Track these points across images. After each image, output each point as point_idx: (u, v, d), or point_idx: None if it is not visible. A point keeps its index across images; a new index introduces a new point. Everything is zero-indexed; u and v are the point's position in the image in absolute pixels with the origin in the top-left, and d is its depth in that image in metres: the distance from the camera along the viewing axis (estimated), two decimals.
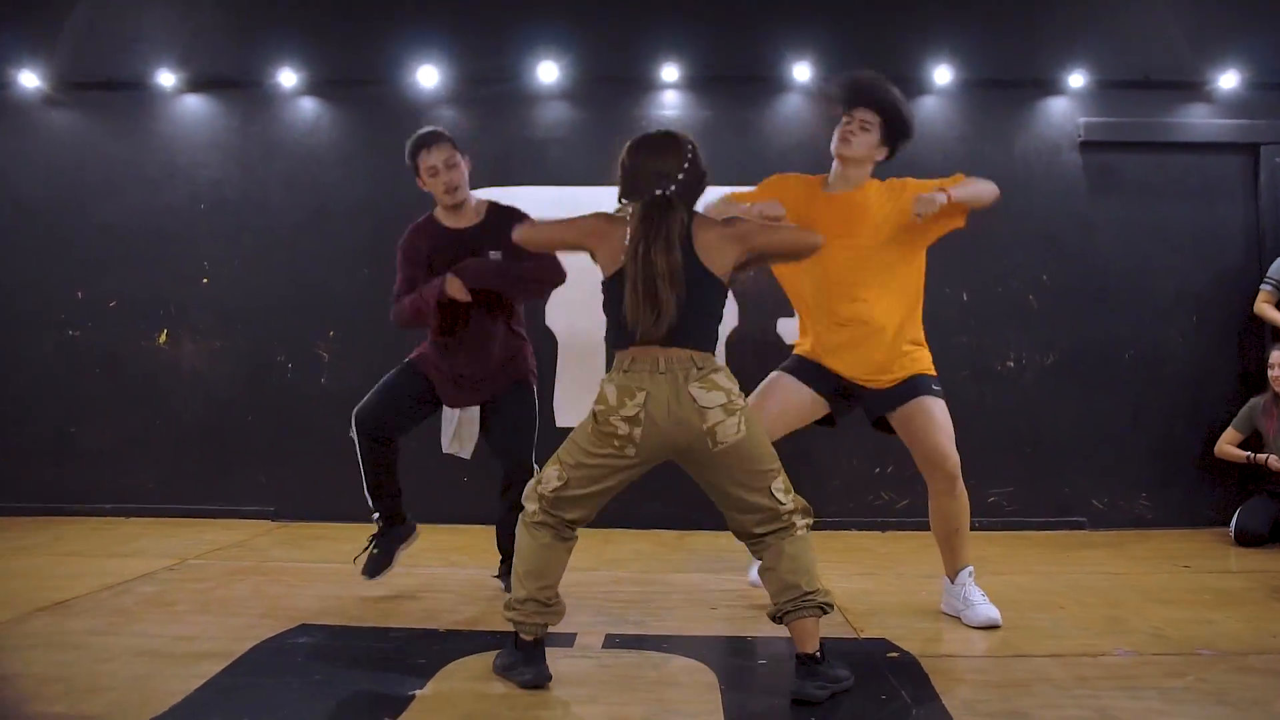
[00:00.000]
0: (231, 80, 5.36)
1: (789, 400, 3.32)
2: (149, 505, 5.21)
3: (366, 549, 3.55)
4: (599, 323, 2.71)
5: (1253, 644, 2.93)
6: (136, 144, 5.39)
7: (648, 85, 5.29)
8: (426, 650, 2.80)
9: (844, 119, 3.27)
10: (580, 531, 2.60)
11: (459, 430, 3.62)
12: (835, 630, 3.11)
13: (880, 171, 3.41)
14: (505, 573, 3.59)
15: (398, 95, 5.29)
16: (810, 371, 3.34)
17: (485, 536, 3.79)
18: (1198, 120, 5.27)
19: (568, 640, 2.93)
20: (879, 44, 5.22)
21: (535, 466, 3.52)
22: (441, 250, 3.49)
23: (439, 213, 3.61)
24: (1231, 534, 4.67)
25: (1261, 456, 4.69)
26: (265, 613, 3.19)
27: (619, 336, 2.52)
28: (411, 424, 3.59)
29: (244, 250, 5.32)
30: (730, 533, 2.62)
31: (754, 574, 3.37)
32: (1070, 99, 5.27)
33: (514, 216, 3.51)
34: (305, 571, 3.89)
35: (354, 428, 3.50)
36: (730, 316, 5.05)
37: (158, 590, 3.51)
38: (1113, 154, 5.26)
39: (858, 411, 3.44)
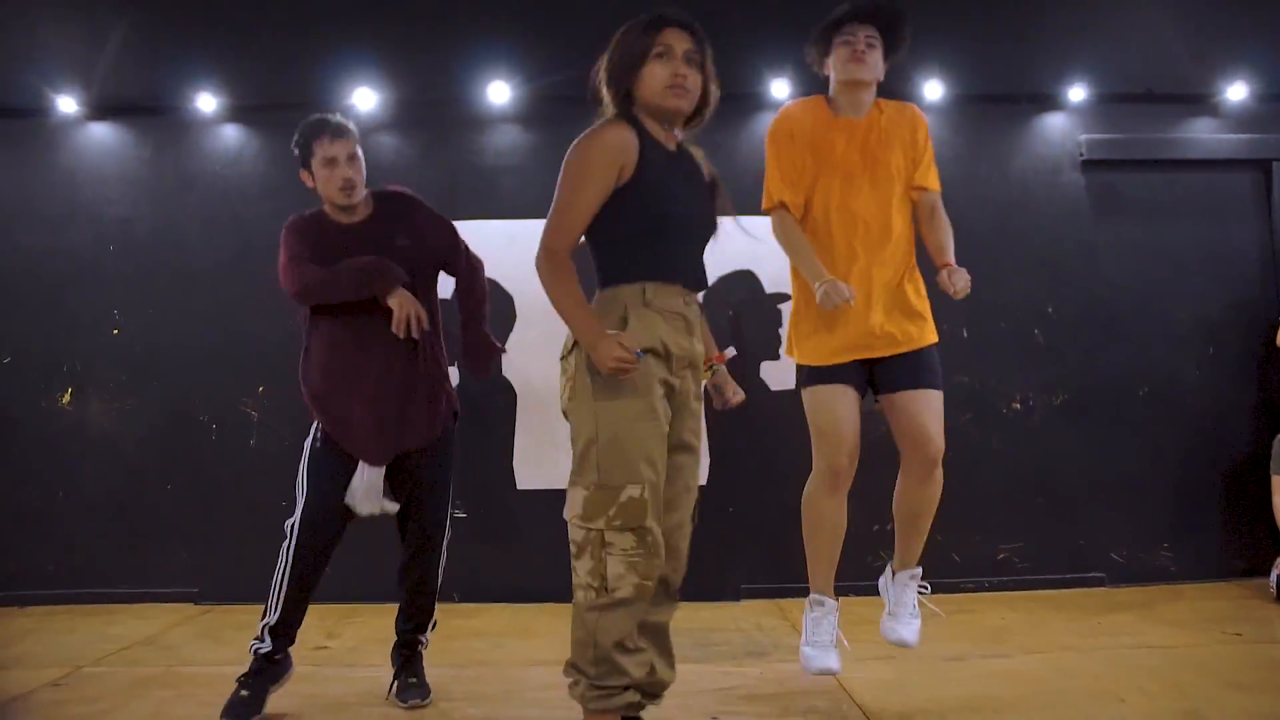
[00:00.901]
0: (143, 105, 4.75)
1: (850, 410, 2.95)
2: (49, 591, 4.54)
3: (235, 690, 2.87)
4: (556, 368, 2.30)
5: None
6: (33, 177, 4.76)
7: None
8: None
9: (845, 38, 2.93)
10: (533, 607, 2.21)
11: (367, 483, 2.98)
12: None
13: None
14: (405, 686, 3.03)
15: None
16: (838, 372, 2.94)
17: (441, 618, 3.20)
18: (1206, 135, 4.88)
19: None
20: None
21: (448, 531, 3.13)
22: (333, 249, 2.97)
23: (328, 209, 3.09)
24: (1273, 587, 4.22)
25: None
26: None
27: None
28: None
29: (158, 296, 4.69)
30: (708, 604, 2.30)
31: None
32: (1070, 114, 4.86)
33: (404, 201, 3.14)
34: (221, 680, 3.21)
35: (295, 538, 2.92)
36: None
37: None
38: (1117, 172, 4.85)
39: None
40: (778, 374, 4.60)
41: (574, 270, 2.20)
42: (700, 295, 2.41)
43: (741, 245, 2.76)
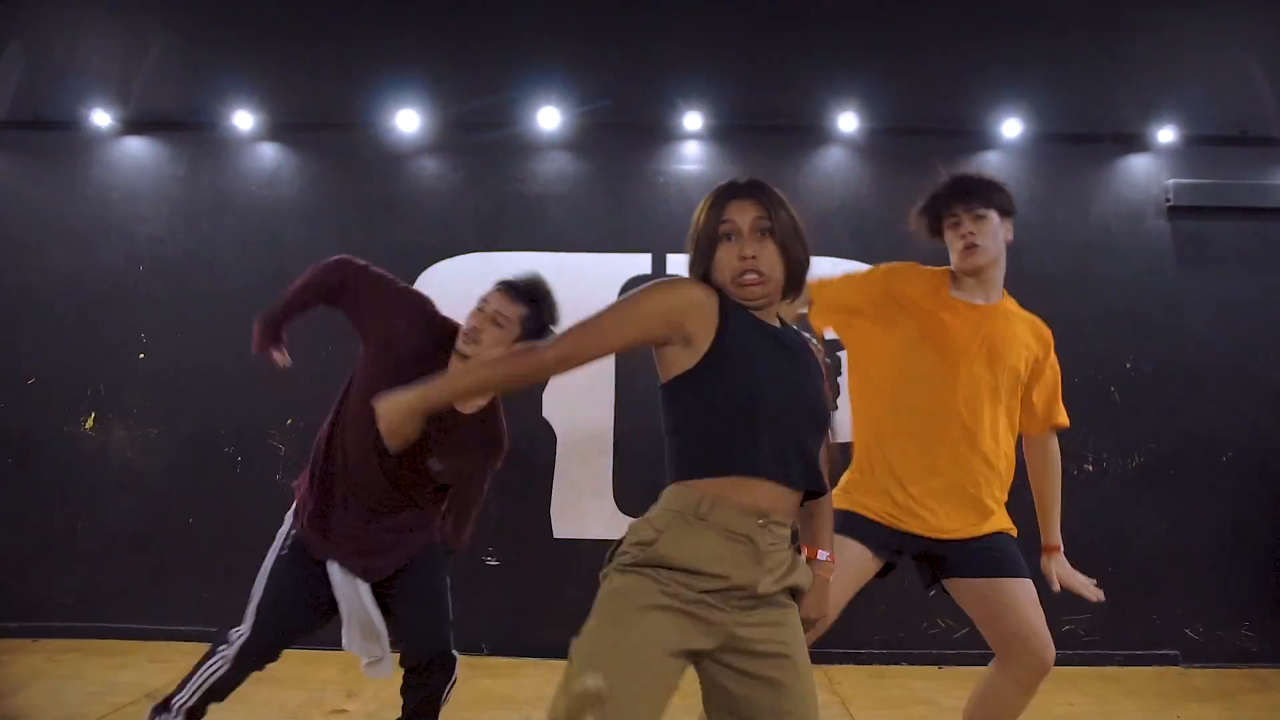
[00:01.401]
0: (179, 121, 4.58)
1: (847, 577, 2.56)
2: (66, 624, 4.38)
3: None
4: (605, 412, 1.96)
5: None
6: (65, 193, 4.60)
7: (666, 135, 4.53)
8: None
9: (949, 220, 2.65)
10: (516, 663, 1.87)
11: (363, 624, 2.77)
12: None
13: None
14: None
15: (372, 141, 4.53)
16: (863, 526, 2.63)
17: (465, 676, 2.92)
18: None
19: None
20: (936, 90, 4.51)
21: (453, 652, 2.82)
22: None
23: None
24: None
25: None
26: None
27: None
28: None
29: (187, 320, 4.51)
30: None
31: None
32: (1156, 157, 4.55)
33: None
34: None
35: (239, 654, 2.77)
36: None
37: None
38: (1205, 220, 4.53)
39: None
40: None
41: (538, 376, 1.87)
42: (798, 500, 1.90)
43: None
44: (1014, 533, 2.72)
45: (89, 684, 3.69)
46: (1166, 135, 4.49)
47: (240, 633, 2.76)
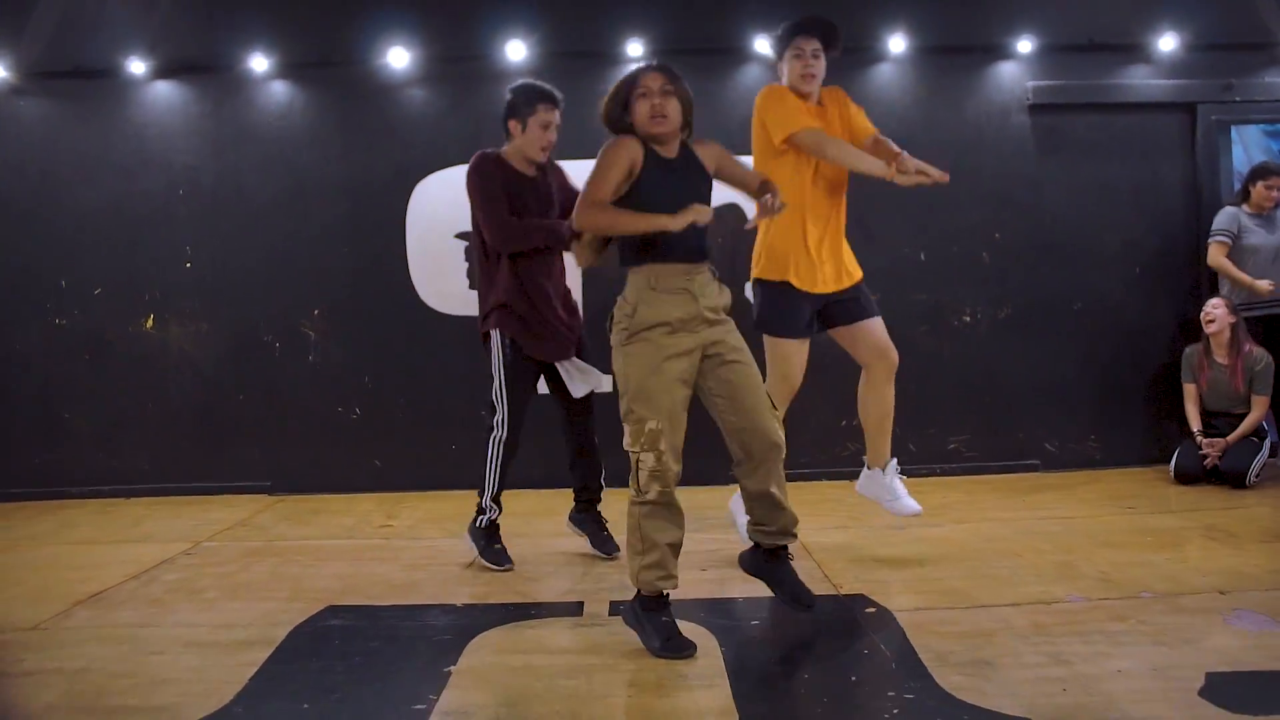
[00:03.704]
0: (203, 65, 5.42)
1: (803, 360, 3.83)
2: (146, 485, 5.40)
3: (489, 545, 3.81)
4: (574, 291, 3.86)
5: (1186, 584, 3.29)
6: (108, 132, 5.45)
7: (613, 60, 5.42)
8: (448, 627, 3.06)
9: (794, 51, 3.77)
10: (552, 492, 3.01)
11: (580, 373, 3.86)
12: (816, 586, 3.42)
13: None
14: (604, 540, 3.99)
15: (369, 76, 5.40)
16: (796, 313, 3.74)
17: (468, 503, 3.97)
18: (1139, 81, 5.54)
19: (576, 609, 3.21)
20: (834, 13, 5.33)
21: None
22: (519, 193, 3.74)
23: (509, 154, 3.83)
24: (1171, 473, 5.05)
25: (1206, 442, 4.99)
26: (291, 595, 3.43)
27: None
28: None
29: (223, 233, 5.43)
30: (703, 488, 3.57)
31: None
32: (1019, 63, 5.51)
33: (556, 172, 3.98)
34: (315, 550, 4.11)
35: (505, 442, 3.76)
36: None
37: (182, 578, 3.73)
38: (1059, 115, 5.52)
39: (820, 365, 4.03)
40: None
41: (610, 205, 2.89)
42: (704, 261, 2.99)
43: None
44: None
45: (188, 521, 4.73)
46: (1026, 45, 5.43)
47: (500, 415, 3.77)
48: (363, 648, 2.87)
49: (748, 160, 3.76)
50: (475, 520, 3.81)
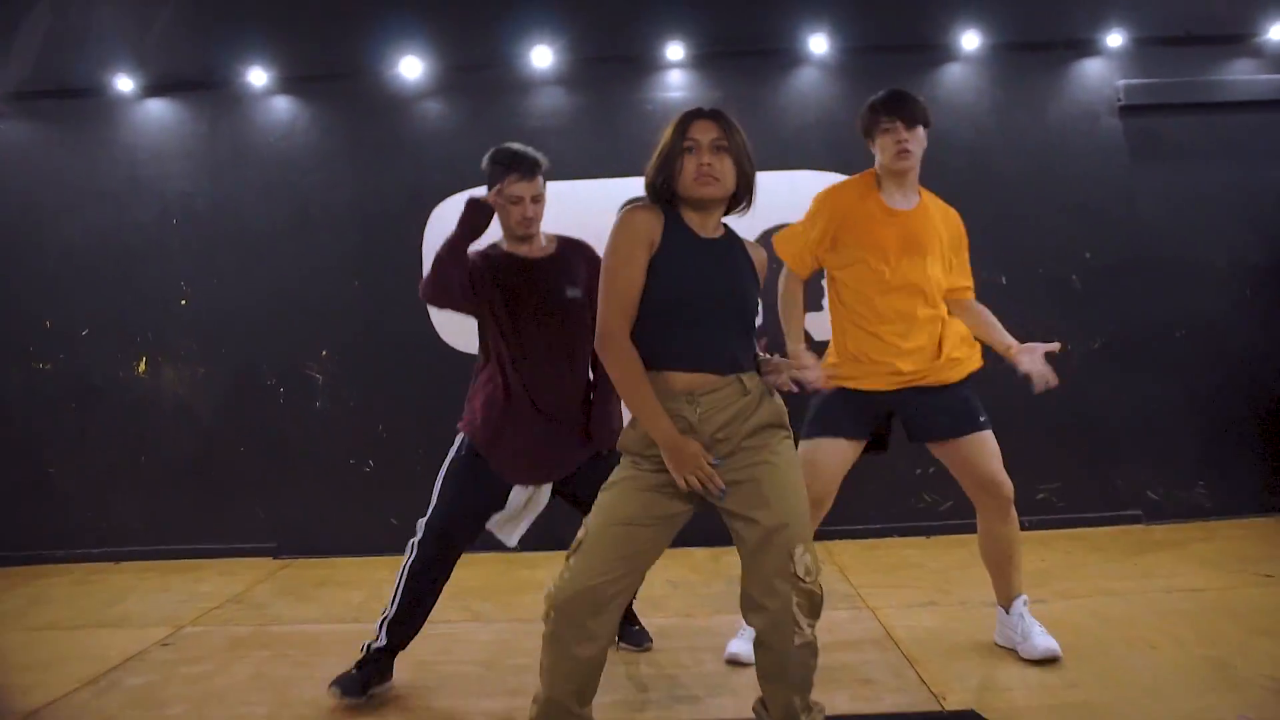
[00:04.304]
0: (197, 81, 4.92)
1: (832, 471, 3.12)
2: (137, 548, 4.87)
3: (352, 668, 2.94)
4: None
5: None
6: (95, 156, 4.96)
7: (651, 65, 4.86)
8: None
9: (886, 128, 3.10)
10: (545, 555, 2.40)
11: (525, 507, 3.10)
12: (912, 694, 2.80)
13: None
14: (630, 634, 3.35)
15: (379, 89, 4.87)
16: (844, 414, 3.12)
17: (503, 569, 3.36)
18: (1245, 76, 4.88)
19: None
20: (899, 9, 4.81)
21: None
22: (511, 278, 3.03)
23: (505, 243, 3.12)
24: None
25: None
26: (271, 713, 2.84)
27: None
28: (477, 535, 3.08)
29: (221, 266, 4.91)
30: None
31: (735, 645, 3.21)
32: (1107, 60, 4.87)
33: (583, 250, 3.17)
34: (312, 640, 3.52)
35: (422, 536, 3.00)
36: None
37: (147, 683, 3.12)
38: (1155, 117, 4.87)
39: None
40: (816, 324, 4.73)
41: (634, 353, 2.18)
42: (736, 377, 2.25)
43: (777, 200, 3.18)
44: (979, 360, 3.24)
45: (176, 595, 4.17)
46: (1116, 39, 4.81)
47: (426, 517, 3.02)
48: None
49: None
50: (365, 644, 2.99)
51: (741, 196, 2.31)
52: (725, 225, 2.36)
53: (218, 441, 4.91)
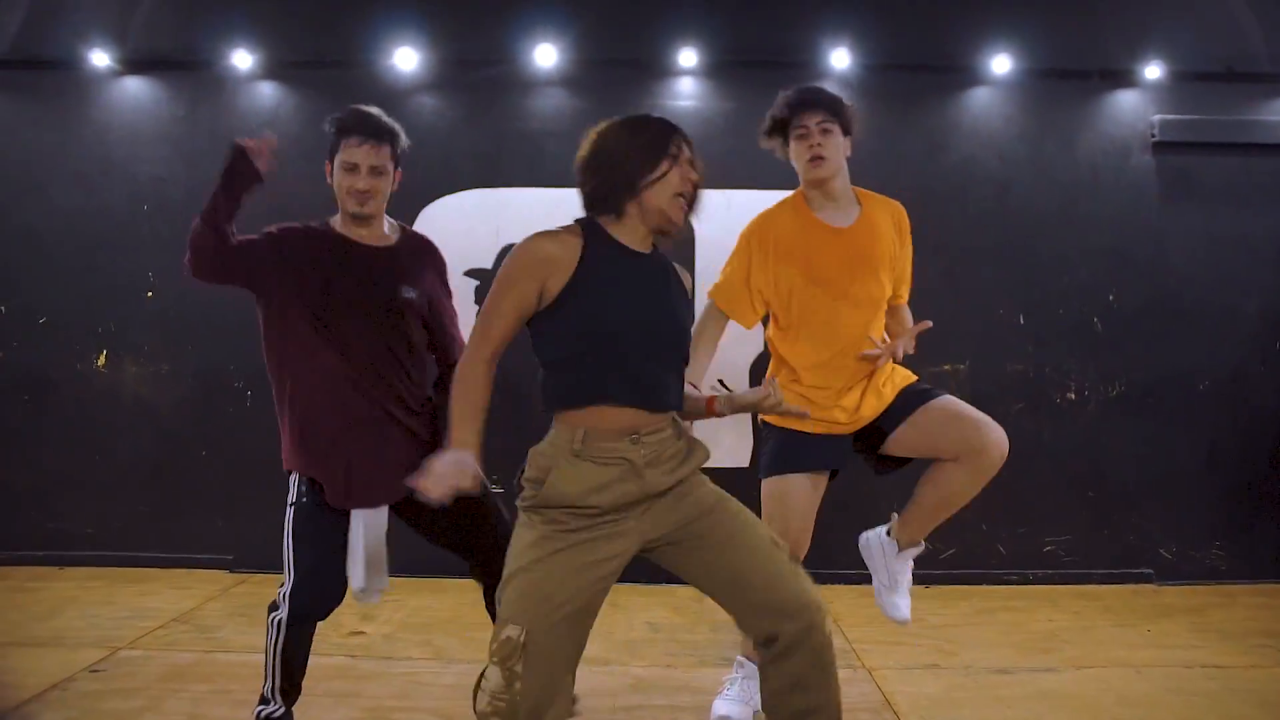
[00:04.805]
0: (178, 60, 4.59)
1: (805, 508, 2.83)
2: (86, 553, 4.55)
3: None
4: None
5: None
6: (65, 134, 4.64)
7: (661, 71, 4.58)
8: None
9: (797, 132, 2.77)
10: None
11: (369, 552, 2.61)
12: None
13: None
14: None
15: (371, 80, 4.55)
16: (803, 448, 2.82)
17: (472, 599, 3.03)
18: None
19: None
20: (927, 27, 4.55)
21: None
22: (344, 263, 2.66)
23: (339, 221, 2.77)
24: None
25: None
26: None
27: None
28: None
29: None
30: None
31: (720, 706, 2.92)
32: (1143, 93, 4.61)
33: (430, 250, 2.85)
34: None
35: (288, 619, 2.57)
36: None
37: (66, 718, 2.83)
38: (1190, 155, 4.60)
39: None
40: None
41: (484, 379, 2.00)
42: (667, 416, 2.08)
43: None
44: (912, 379, 2.90)
45: (119, 609, 3.87)
46: (1153, 71, 4.55)
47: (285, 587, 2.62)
48: None
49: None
50: (256, 712, 2.66)
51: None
52: (653, 243, 2.14)
53: (178, 444, 4.60)
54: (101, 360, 4.63)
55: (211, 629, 3.69)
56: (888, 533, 2.98)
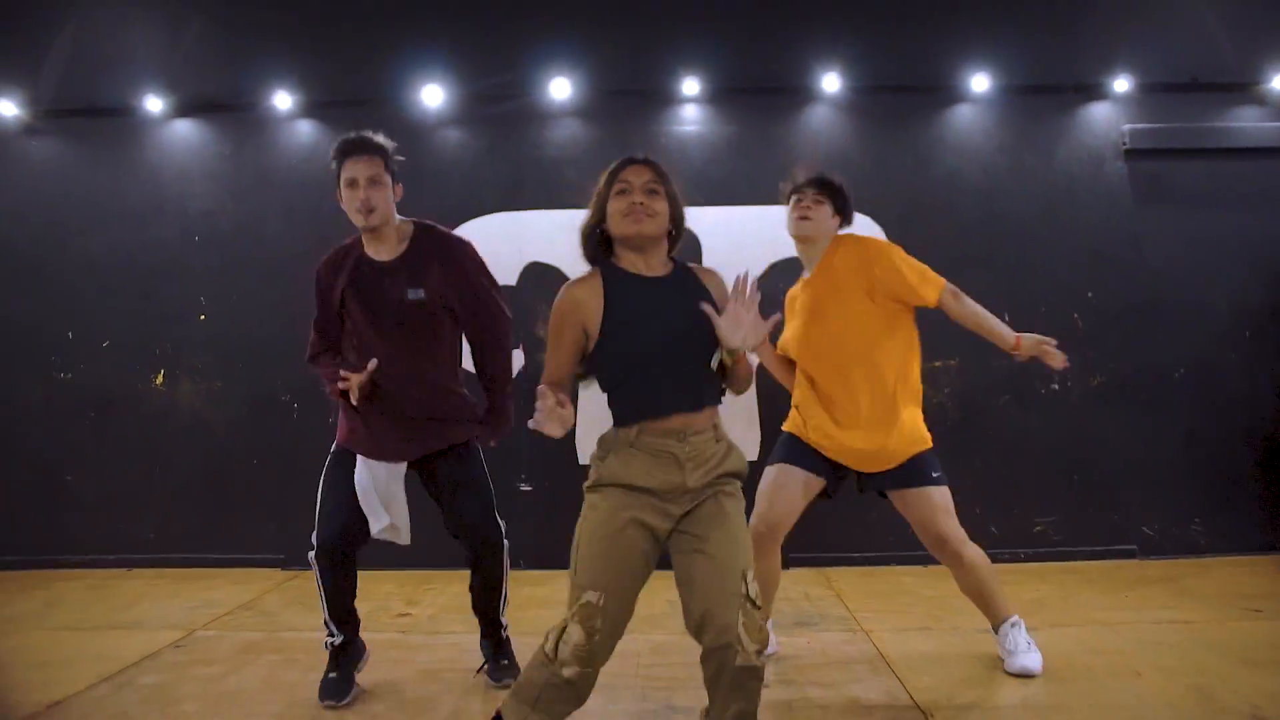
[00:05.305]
0: (223, 103, 5.05)
1: (792, 496, 3.29)
2: (149, 556, 4.96)
3: (325, 673, 3.12)
4: None
5: None
6: (122, 173, 5.09)
7: (667, 99, 4.99)
8: None
9: (795, 198, 3.37)
10: (550, 574, 2.47)
11: (388, 503, 3.12)
12: (901, 712, 2.89)
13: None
14: (498, 669, 3.28)
15: (401, 115, 4.98)
16: (806, 454, 3.33)
17: (511, 587, 3.46)
18: (1250, 124, 4.99)
19: None
20: (911, 50, 4.94)
21: (501, 527, 3.26)
22: (360, 284, 3.07)
23: (366, 239, 3.12)
24: None
25: None
26: (282, 712, 2.94)
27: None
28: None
29: (241, 285, 5.02)
30: None
31: None
32: (1114, 104, 4.99)
33: (445, 242, 3.17)
34: (319, 646, 3.61)
35: (317, 553, 3.07)
36: None
37: (162, 682, 3.23)
38: (1160, 162, 4.98)
39: None
40: None
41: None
42: (707, 412, 2.36)
43: (786, 234, 3.44)
44: (927, 445, 3.29)
45: (187, 601, 4.27)
46: (1123, 84, 4.92)
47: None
48: None
49: None
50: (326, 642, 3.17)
51: (676, 234, 2.44)
52: (674, 261, 2.45)
53: (231, 454, 5.01)
54: (159, 379, 5.04)
55: (273, 614, 4.09)
56: (994, 631, 3.37)
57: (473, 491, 3.19)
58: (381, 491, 3.10)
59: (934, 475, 3.25)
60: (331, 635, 3.12)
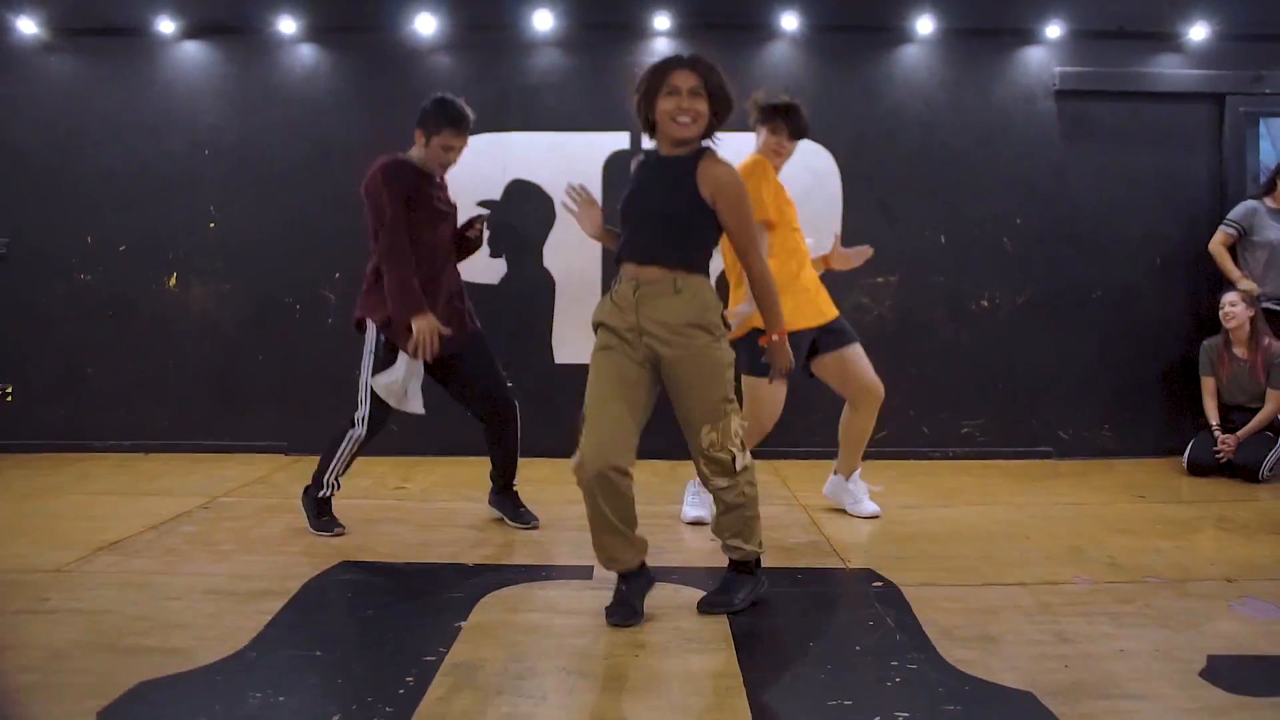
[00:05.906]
0: (231, 26, 5.45)
1: (775, 396, 3.81)
2: (164, 441, 5.47)
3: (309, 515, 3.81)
4: (593, 262, 3.80)
5: (1194, 572, 3.30)
6: (135, 90, 5.49)
7: (639, 33, 5.43)
8: (459, 584, 3.11)
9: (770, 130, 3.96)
10: (567, 461, 2.85)
11: (409, 381, 3.76)
12: (824, 560, 3.45)
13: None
14: (521, 515, 3.95)
15: (395, 42, 5.41)
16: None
17: (480, 470, 4.10)
18: (1168, 70, 5.49)
19: (586, 573, 3.24)
20: None
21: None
22: (421, 195, 3.74)
23: (416, 159, 3.83)
24: (1184, 464, 5.04)
25: (1223, 439, 4.94)
26: (305, 550, 3.49)
27: None
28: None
29: (247, 195, 5.47)
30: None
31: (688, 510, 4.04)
32: (1047, 48, 5.47)
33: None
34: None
35: (367, 431, 3.82)
36: None
37: (199, 530, 3.78)
38: (1087, 102, 5.49)
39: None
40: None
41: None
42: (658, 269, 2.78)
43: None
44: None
45: (202, 478, 4.79)
46: (1055, 30, 5.40)
47: (362, 410, 3.80)
48: (375, 601, 2.92)
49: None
50: (308, 491, 3.81)
51: (718, 119, 2.84)
52: (699, 147, 2.83)
53: (238, 351, 5.51)
54: (172, 281, 5.51)
55: (283, 486, 4.62)
56: (834, 473, 4.20)
57: (496, 369, 3.95)
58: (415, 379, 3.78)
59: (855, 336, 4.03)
60: (326, 490, 3.79)
